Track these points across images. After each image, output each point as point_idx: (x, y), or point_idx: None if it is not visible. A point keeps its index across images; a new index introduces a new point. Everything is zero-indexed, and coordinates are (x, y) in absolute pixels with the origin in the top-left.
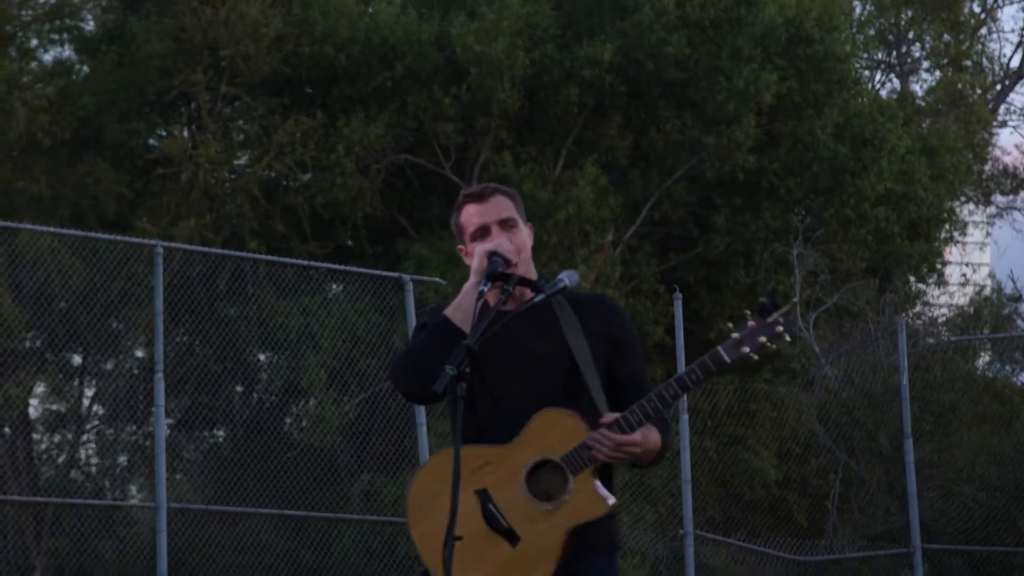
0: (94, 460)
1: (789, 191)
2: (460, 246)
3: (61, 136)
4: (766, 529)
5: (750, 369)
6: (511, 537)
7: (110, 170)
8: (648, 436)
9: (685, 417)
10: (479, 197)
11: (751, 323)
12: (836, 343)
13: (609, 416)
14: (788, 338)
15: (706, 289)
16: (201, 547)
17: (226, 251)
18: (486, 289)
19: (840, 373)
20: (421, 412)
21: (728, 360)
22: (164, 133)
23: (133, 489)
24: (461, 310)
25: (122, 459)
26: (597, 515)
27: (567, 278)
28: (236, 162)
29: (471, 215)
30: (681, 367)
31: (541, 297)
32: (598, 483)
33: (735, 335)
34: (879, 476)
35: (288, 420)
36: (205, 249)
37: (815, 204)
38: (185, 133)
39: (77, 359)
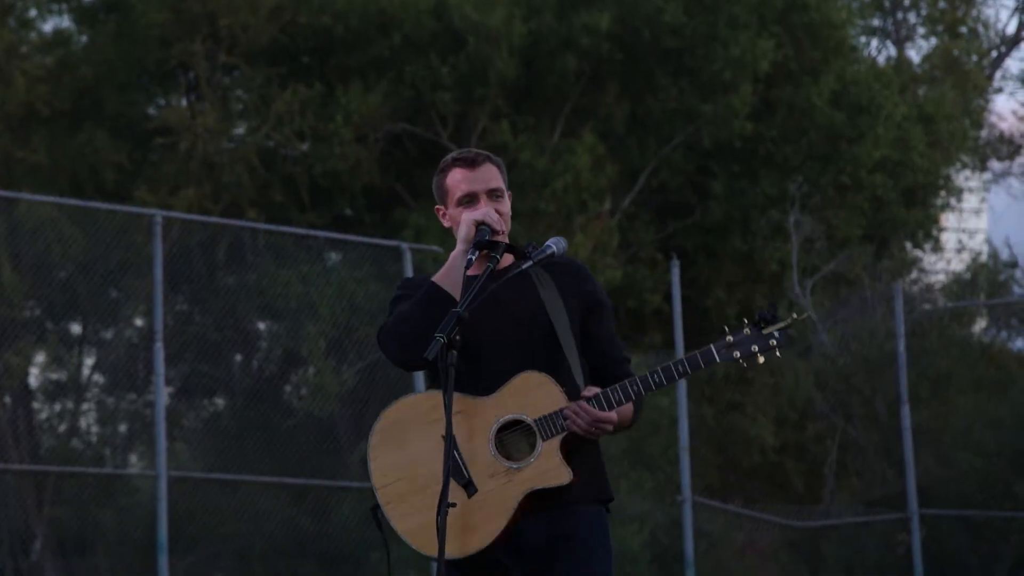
0: (94, 429)
1: (786, 158)
2: (440, 207)
3: (60, 106)
4: (764, 495)
5: None
6: (468, 487)
7: (109, 140)
8: (623, 414)
9: (683, 384)
10: (470, 163)
11: (747, 331)
12: (833, 310)
13: (591, 390)
14: (779, 354)
15: (704, 256)
16: (201, 515)
17: (225, 220)
18: (474, 257)
19: (837, 340)
20: (419, 380)
21: (718, 360)
22: (163, 103)
23: (133, 457)
24: (450, 277)
25: (122, 427)
26: (558, 483)
27: (555, 244)
28: (235, 132)
29: (459, 180)
30: (679, 334)
31: (529, 264)
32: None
33: (730, 338)
34: (876, 442)
35: (287, 388)
36: (204, 218)
37: (812, 171)
38: (184, 103)
39: (77, 328)
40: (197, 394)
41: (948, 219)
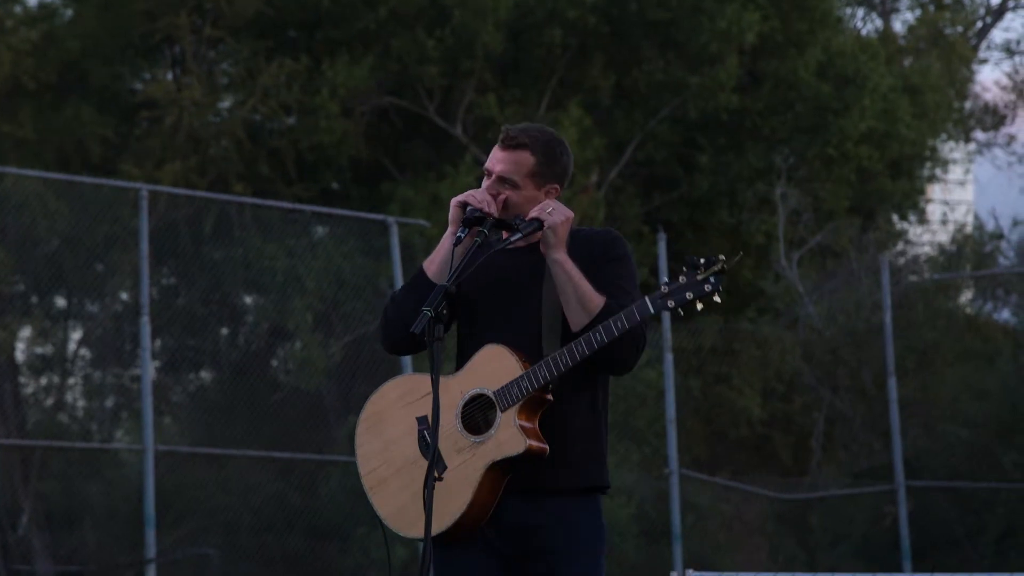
0: (81, 403)
1: (772, 130)
2: None
3: (46, 80)
4: (751, 467)
5: (733, 308)
6: (438, 465)
7: (95, 114)
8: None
9: (669, 356)
10: (504, 143)
11: (681, 278)
12: (820, 282)
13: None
14: (717, 298)
15: (690, 229)
16: (188, 489)
17: (211, 194)
18: (463, 235)
19: (824, 312)
20: (407, 357)
21: (652, 310)
22: (149, 76)
23: (120, 432)
24: (436, 261)
25: (109, 402)
26: (514, 452)
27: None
28: (221, 105)
29: (492, 153)
30: None
31: (518, 236)
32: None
33: (663, 288)
34: (863, 414)
35: (274, 362)
36: (190, 192)
37: (798, 143)
38: (169, 76)
39: (63, 302)
40: (184, 368)
41: (934, 190)
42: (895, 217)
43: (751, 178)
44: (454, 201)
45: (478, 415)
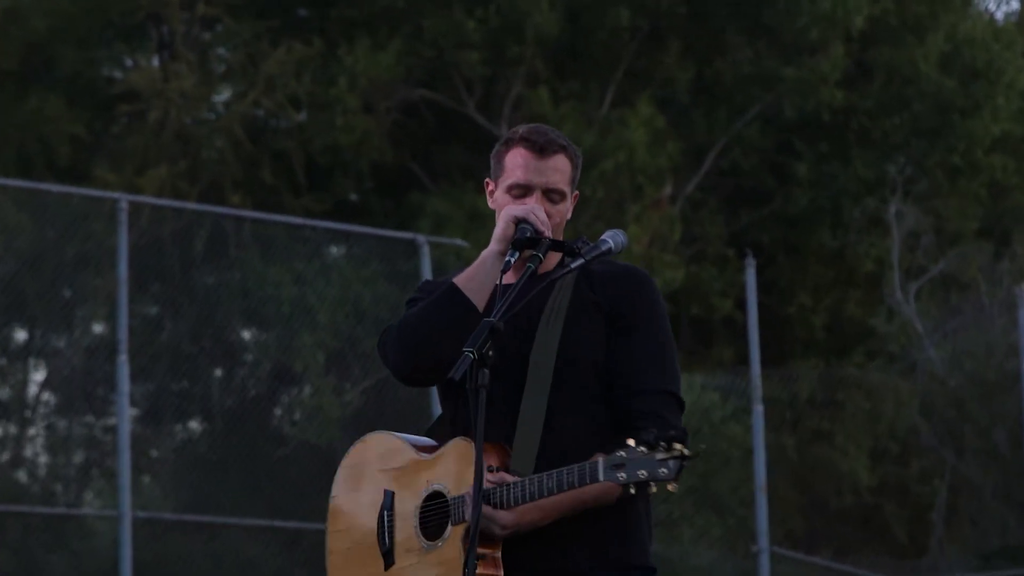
0: (43, 459)
1: (885, 135)
2: (489, 180)
3: (6, 66)
4: (857, 545)
5: (836, 350)
6: (387, 557)
7: (64, 107)
8: (554, 506)
9: (759, 409)
10: (539, 149)
11: (641, 449)
12: (942, 320)
13: (501, 476)
14: (671, 488)
15: (784, 253)
16: (173, 564)
17: (203, 206)
18: (512, 260)
19: (947, 356)
20: (436, 400)
21: (601, 479)
22: (129, 63)
23: (90, 494)
24: (476, 280)
25: (77, 457)
26: None
27: (611, 239)
28: (216, 98)
29: (519, 163)
30: (754, 347)
31: (580, 262)
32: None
33: (622, 452)
34: (994, 481)
35: (278, 411)
36: (178, 204)
37: (916, 150)
38: (155, 62)
39: (22, 336)
40: (168, 418)
41: None
42: None
43: (859, 192)
44: (508, 214)
45: (436, 516)
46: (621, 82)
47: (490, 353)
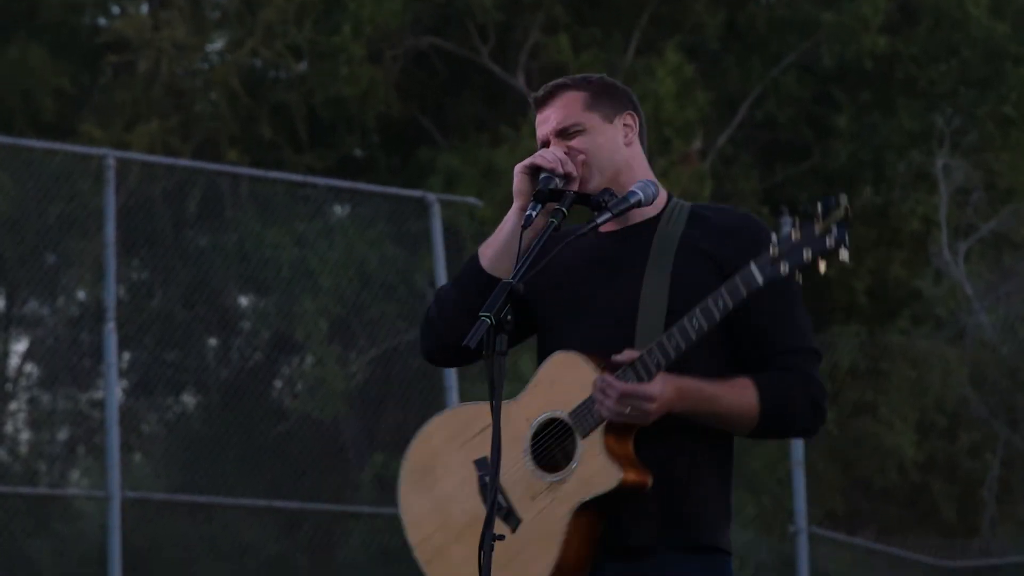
0: (25, 435)
1: (931, 83)
2: None
3: None
4: (903, 525)
5: (879, 316)
6: (510, 518)
7: (47, 58)
8: (701, 391)
9: None
10: (540, 102)
11: (794, 234)
12: (993, 283)
13: (627, 354)
14: (845, 256)
15: None
16: (165, 548)
17: (197, 163)
18: (534, 213)
19: (999, 322)
20: (451, 373)
21: (760, 280)
22: (117, 10)
23: (76, 473)
24: (496, 247)
25: (62, 434)
26: (605, 488)
27: (640, 191)
28: (210, 47)
29: (537, 126)
30: None
31: (608, 216)
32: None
33: (772, 249)
34: None
35: (278, 383)
36: (170, 160)
37: (965, 100)
38: (144, 9)
39: (2, 304)
40: (159, 391)
41: None
42: None
43: (903, 145)
44: (519, 167)
45: (554, 447)
46: (646, 28)
47: (508, 317)
